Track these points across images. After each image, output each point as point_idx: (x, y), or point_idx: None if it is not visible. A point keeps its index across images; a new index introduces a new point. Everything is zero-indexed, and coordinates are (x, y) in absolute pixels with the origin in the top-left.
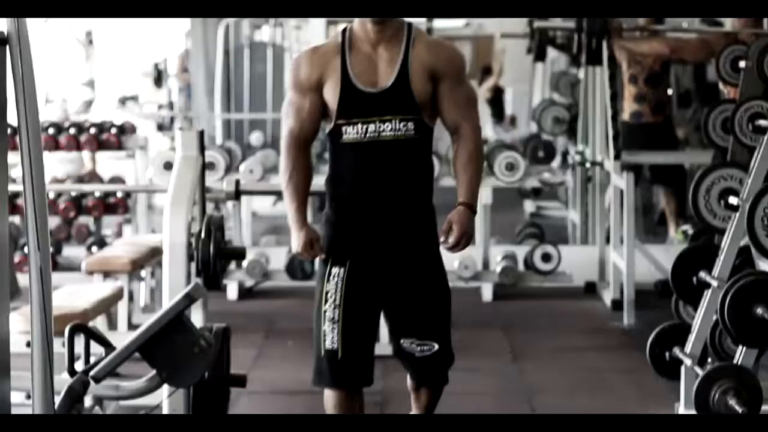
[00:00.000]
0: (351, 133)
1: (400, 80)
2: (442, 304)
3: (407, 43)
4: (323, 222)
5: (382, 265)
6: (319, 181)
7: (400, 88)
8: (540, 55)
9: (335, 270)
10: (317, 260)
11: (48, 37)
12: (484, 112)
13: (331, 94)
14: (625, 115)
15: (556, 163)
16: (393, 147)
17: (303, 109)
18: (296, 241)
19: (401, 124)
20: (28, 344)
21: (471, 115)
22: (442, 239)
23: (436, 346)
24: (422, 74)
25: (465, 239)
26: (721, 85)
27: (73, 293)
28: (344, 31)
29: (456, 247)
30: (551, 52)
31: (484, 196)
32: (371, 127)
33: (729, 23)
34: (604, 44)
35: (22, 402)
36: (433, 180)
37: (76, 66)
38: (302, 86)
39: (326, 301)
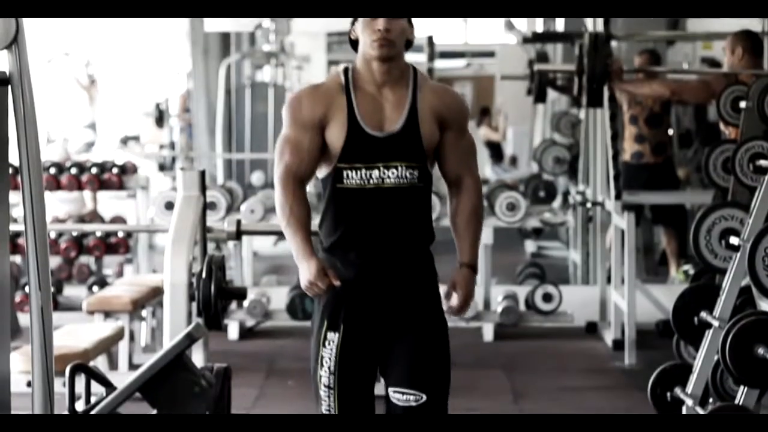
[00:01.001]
0: (353, 178)
1: (409, 125)
2: (437, 355)
3: (414, 85)
4: None
5: (380, 320)
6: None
7: (408, 133)
8: (540, 97)
9: (330, 335)
10: (317, 305)
11: (50, 77)
12: (482, 153)
13: (335, 135)
14: (626, 156)
15: (557, 203)
16: (396, 195)
17: (302, 147)
18: (307, 271)
19: (407, 172)
20: (29, 384)
21: (472, 167)
22: (444, 301)
23: (424, 398)
24: (431, 120)
25: (468, 302)
26: (721, 126)
27: (74, 333)
28: (346, 70)
29: (460, 311)
30: (552, 93)
31: (486, 236)
32: (375, 173)
33: (726, 63)
34: (605, 86)
35: None
36: (433, 227)
37: (78, 107)
38: (304, 123)
39: (321, 366)
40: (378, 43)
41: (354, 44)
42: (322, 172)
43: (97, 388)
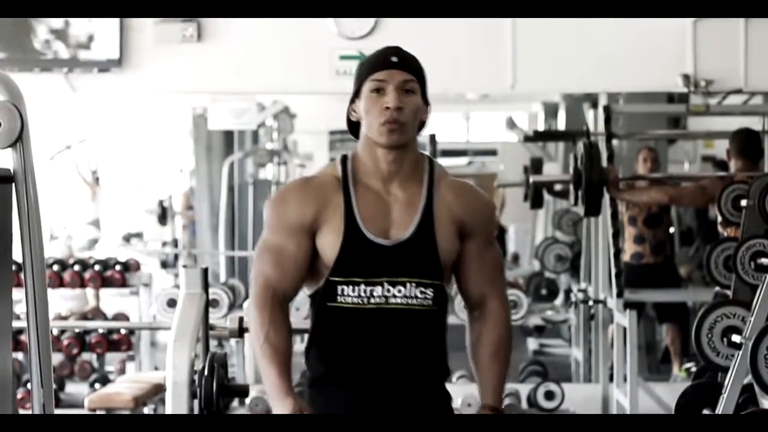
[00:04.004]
0: (349, 295)
1: (423, 232)
2: None
3: (430, 181)
4: None
5: None
6: None
7: (421, 242)
8: (536, 204)
9: None
10: None
11: (53, 173)
12: None
13: (329, 242)
14: (626, 256)
15: (559, 300)
16: (402, 319)
17: (287, 256)
18: (282, 413)
19: (417, 291)
20: None
21: (499, 287)
22: None
23: None
24: (450, 226)
25: None
26: (719, 228)
27: None
28: (344, 159)
29: None
30: None
31: None
32: (377, 290)
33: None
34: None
35: None
36: (447, 361)
37: (81, 204)
38: (290, 226)
39: None
40: (387, 127)
41: (353, 127)
42: (310, 287)
43: None
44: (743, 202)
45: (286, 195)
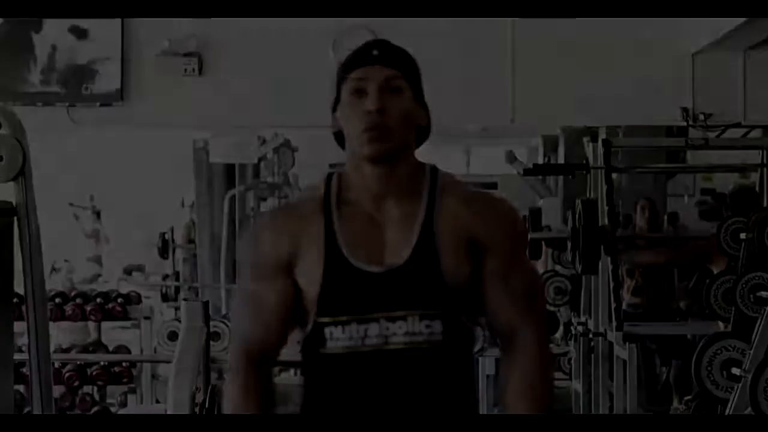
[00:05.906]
0: (340, 338)
1: (421, 254)
2: None
3: (431, 194)
4: None
5: None
6: None
7: (421, 266)
8: (535, 255)
9: None
10: None
11: (55, 209)
12: None
13: (309, 276)
14: (624, 306)
15: (559, 334)
16: (409, 362)
17: (264, 306)
18: None
19: (422, 325)
20: None
21: (532, 315)
22: None
23: None
24: (457, 243)
25: None
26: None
27: None
28: (329, 177)
29: None
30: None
31: (488, 366)
32: (373, 328)
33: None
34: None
35: None
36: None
37: (82, 240)
38: (264, 269)
39: None
40: (367, 135)
41: (340, 138)
42: (299, 335)
43: None
44: (742, 235)
45: (258, 231)
